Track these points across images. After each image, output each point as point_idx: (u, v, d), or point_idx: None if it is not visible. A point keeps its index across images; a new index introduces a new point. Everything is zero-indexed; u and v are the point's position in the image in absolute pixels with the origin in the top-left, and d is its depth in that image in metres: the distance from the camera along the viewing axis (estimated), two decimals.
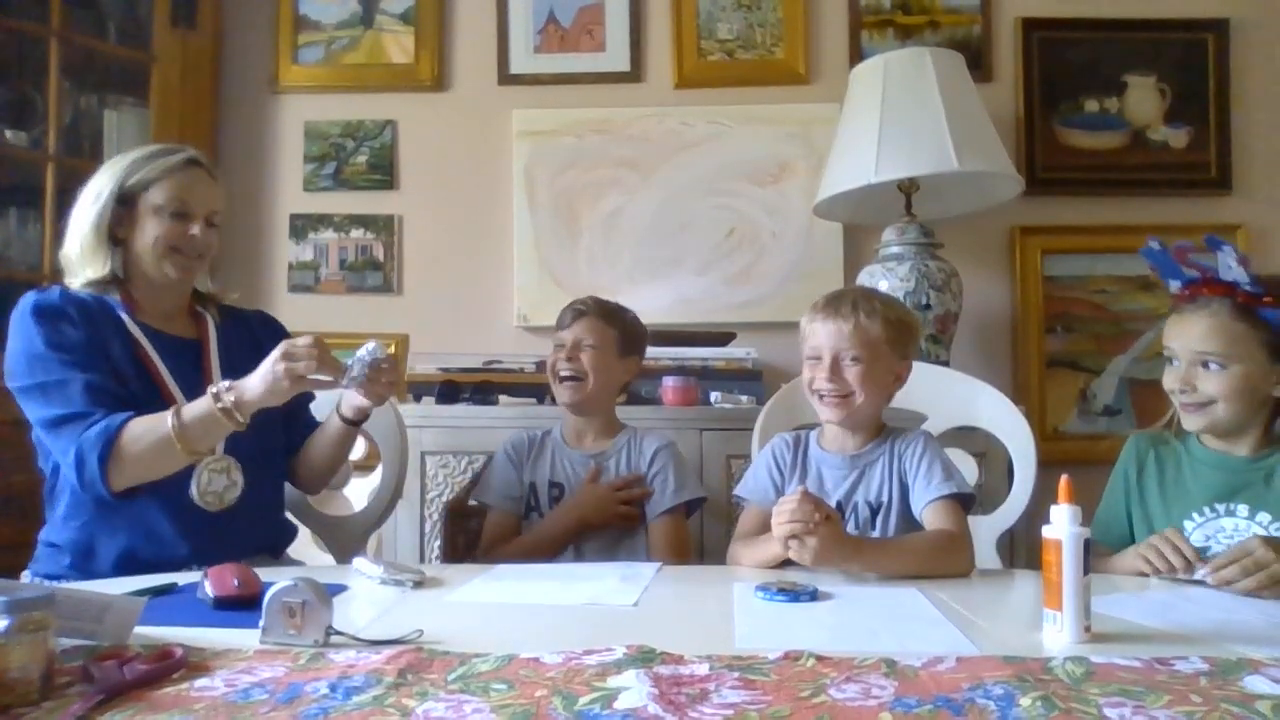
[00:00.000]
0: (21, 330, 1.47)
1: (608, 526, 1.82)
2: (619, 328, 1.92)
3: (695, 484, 1.92)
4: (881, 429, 1.65)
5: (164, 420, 1.41)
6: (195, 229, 1.57)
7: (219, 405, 1.41)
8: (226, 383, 1.43)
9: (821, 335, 1.58)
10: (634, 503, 1.83)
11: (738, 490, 1.74)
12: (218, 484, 1.50)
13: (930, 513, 1.50)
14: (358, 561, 1.38)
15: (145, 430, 1.41)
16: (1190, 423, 1.48)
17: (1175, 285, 1.51)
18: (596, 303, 1.94)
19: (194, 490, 1.48)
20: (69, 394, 1.43)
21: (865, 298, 1.60)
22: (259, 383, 1.41)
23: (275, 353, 1.41)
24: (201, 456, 1.46)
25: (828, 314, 1.57)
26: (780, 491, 1.64)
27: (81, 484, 1.42)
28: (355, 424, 1.67)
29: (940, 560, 1.40)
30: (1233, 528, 1.44)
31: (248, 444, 1.50)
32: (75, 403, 1.43)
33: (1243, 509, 1.45)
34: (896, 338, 1.58)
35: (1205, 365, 1.44)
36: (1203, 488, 1.49)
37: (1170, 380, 1.49)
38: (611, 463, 1.89)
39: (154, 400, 1.48)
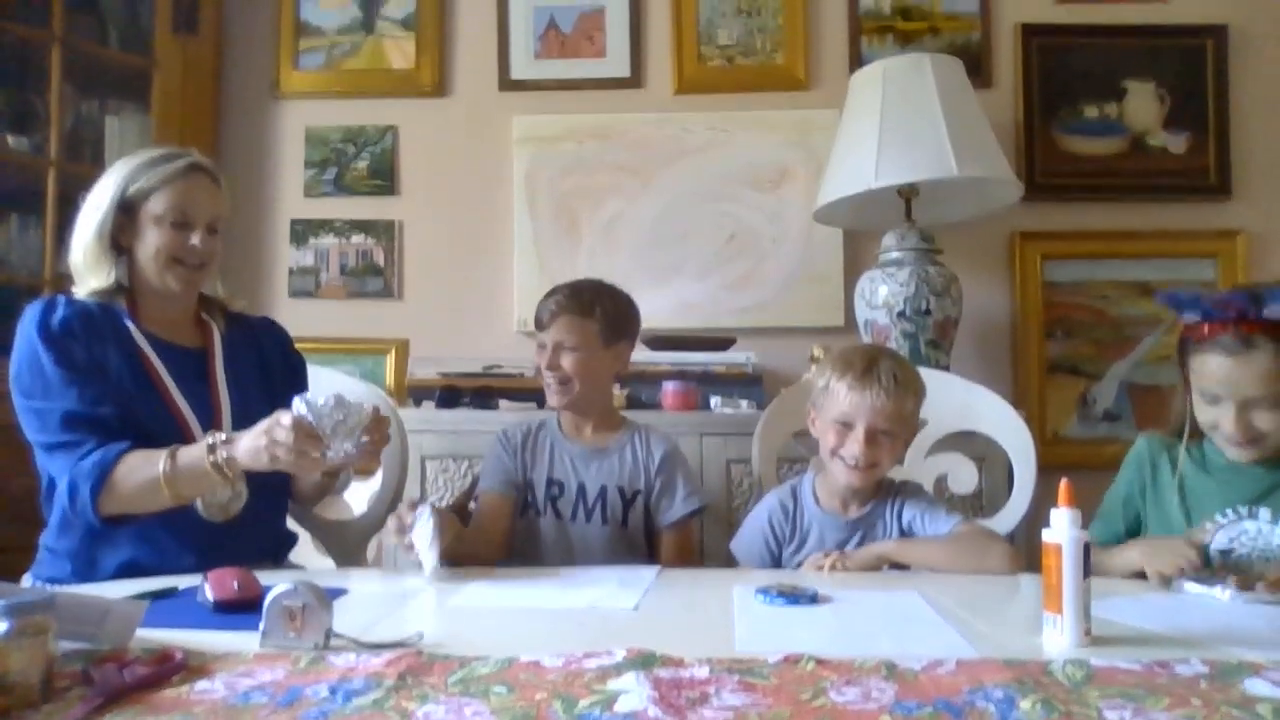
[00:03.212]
0: (26, 347, 1.46)
1: None
2: (599, 318, 1.81)
3: (700, 490, 1.90)
4: (879, 487, 1.65)
5: (157, 463, 1.38)
6: (195, 239, 1.55)
7: (210, 461, 1.38)
8: (222, 436, 1.40)
9: (857, 406, 1.56)
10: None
11: (731, 546, 1.75)
12: (223, 495, 1.49)
13: (957, 530, 1.56)
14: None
15: (138, 469, 1.39)
16: (1239, 456, 1.47)
17: (1192, 316, 1.50)
18: (571, 294, 1.82)
19: (198, 502, 1.46)
20: (65, 421, 1.42)
21: (897, 366, 1.60)
22: (246, 450, 1.38)
23: (262, 426, 1.37)
24: (186, 501, 1.43)
25: (864, 383, 1.56)
26: (775, 560, 1.67)
27: (72, 510, 1.42)
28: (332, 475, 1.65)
29: (979, 551, 1.48)
30: (1255, 530, 1.44)
31: None
32: (70, 430, 1.42)
33: (1265, 513, 1.45)
34: (918, 407, 1.63)
35: (1257, 406, 1.43)
36: (1225, 491, 1.49)
37: (1210, 416, 1.48)
38: (615, 459, 1.83)
39: (159, 413, 1.48)
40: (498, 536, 1.77)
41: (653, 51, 2.88)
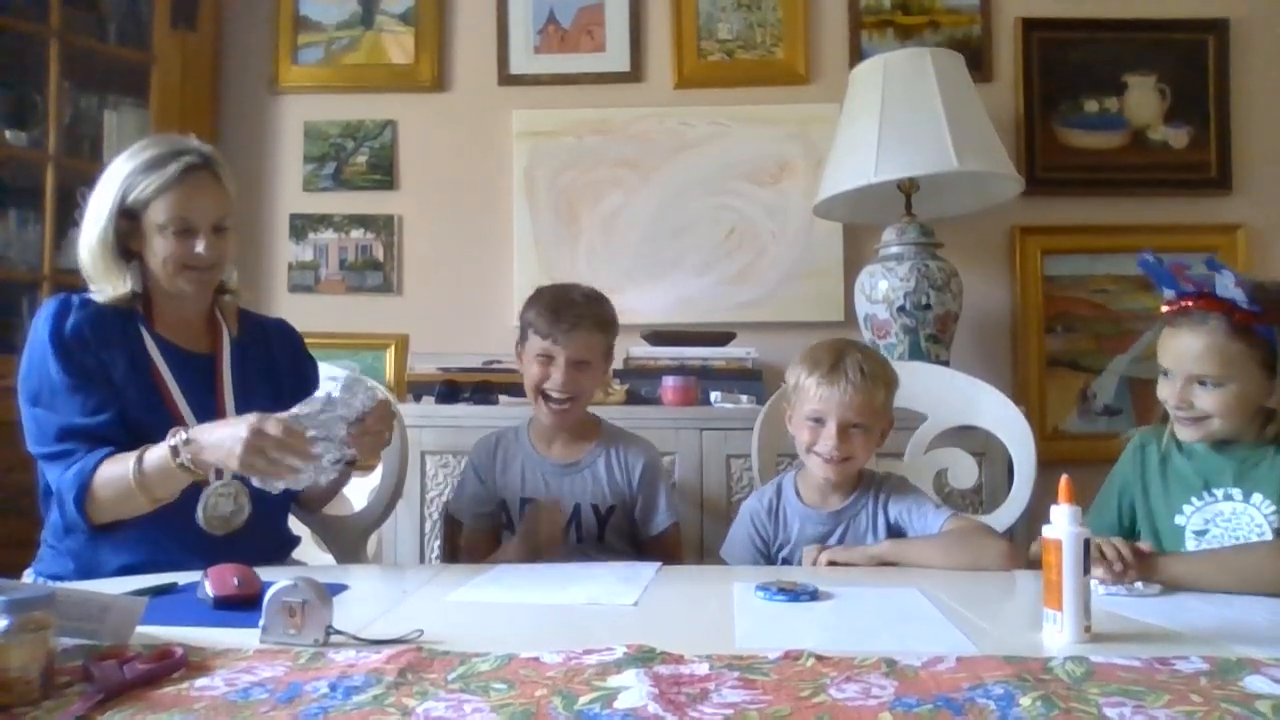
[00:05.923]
0: (37, 350, 1.45)
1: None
2: (610, 332, 1.78)
3: (677, 503, 1.88)
4: (860, 478, 1.66)
5: (127, 467, 1.37)
6: (200, 245, 1.49)
7: (176, 461, 1.36)
8: (185, 435, 1.37)
9: (826, 401, 1.57)
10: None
11: (721, 553, 1.74)
12: (224, 508, 1.48)
13: (949, 525, 1.56)
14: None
15: (112, 476, 1.38)
16: (1186, 435, 1.49)
17: (1170, 293, 1.51)
18: (589, 306, 1.75)
19: (200, 515, 1.45)
20: (60, 432, 1.41)
21: (865, 358, 1.60)
22: (218, 450, 1.33)
23: (244, 429, 1.31)
24: (164, 502, 1.41)
25: (831, 379, 1.57)
26: (768, 560, 1.67)
27: (64, 522, 1.42)
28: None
29: (974, 547, 1.47)
30: (1230, 511, 1.45)
31: None
32: (64, 441, 1.41)
33: (1237, 492, 1.46)
34: (889, 398, 1.62)
35: (1201, 384, 1.44)
36: (1200, 473, 1.50)
37: (1164, 392, 1.49)
38: (588, 475, 1.80)
39: (162, 420, 1.46)
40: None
41: (652, 46, 2.88)
